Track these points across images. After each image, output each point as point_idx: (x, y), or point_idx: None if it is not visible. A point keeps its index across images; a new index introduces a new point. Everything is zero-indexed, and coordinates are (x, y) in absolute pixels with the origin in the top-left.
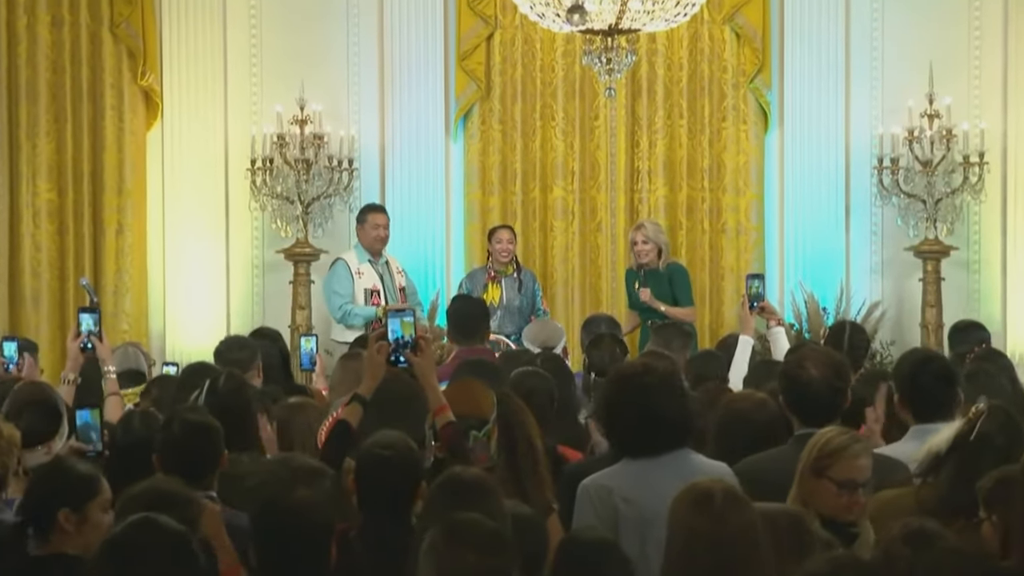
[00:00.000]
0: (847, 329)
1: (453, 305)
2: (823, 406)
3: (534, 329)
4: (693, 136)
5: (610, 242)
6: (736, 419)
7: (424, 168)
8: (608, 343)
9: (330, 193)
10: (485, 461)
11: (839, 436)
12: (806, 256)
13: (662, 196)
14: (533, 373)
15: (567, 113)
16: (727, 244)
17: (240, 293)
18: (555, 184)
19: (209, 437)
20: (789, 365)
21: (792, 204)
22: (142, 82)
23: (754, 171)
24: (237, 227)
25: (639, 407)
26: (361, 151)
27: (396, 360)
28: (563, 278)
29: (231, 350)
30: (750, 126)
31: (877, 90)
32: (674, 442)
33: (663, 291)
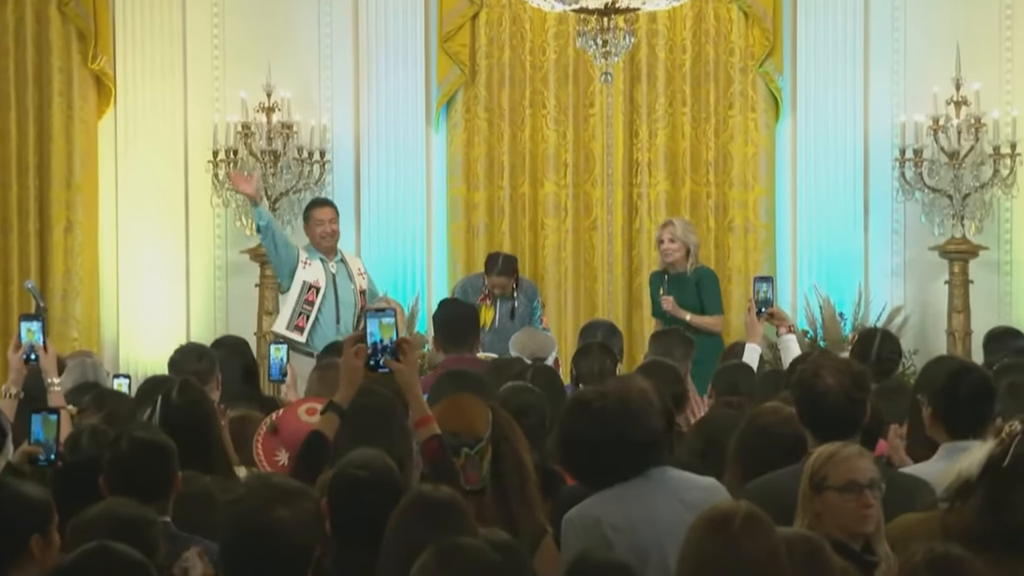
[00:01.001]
0: (877, 337)
1: (441, 309)
2: (841, 419)
3: (523, 338)
4: (697, 125)
5: (606, 241)
6: (760, 435)
7: (403, 160)
8: (597, 353)
9: (300, 188)
10: (475, 482)
11: (832, 446)
12: (821, 257)
13: (663, 191)
14: (524, 389)
15: (559, 100)
16: (734, 243)
17: (201, 297)
18: (546, 178)
19: (160, 456)
20: (803, 374)
21: (805, 200)
22: (93, 66)
23: (764, 164)
24: (198, 225)
25: (597, 436)
26: (334, 142)
27: (376, 365)
28: (555, 281)
29: (187, 360)
30: (759, 114)
31: (899, 75)
32: (648, 462)
33: (689, 297)
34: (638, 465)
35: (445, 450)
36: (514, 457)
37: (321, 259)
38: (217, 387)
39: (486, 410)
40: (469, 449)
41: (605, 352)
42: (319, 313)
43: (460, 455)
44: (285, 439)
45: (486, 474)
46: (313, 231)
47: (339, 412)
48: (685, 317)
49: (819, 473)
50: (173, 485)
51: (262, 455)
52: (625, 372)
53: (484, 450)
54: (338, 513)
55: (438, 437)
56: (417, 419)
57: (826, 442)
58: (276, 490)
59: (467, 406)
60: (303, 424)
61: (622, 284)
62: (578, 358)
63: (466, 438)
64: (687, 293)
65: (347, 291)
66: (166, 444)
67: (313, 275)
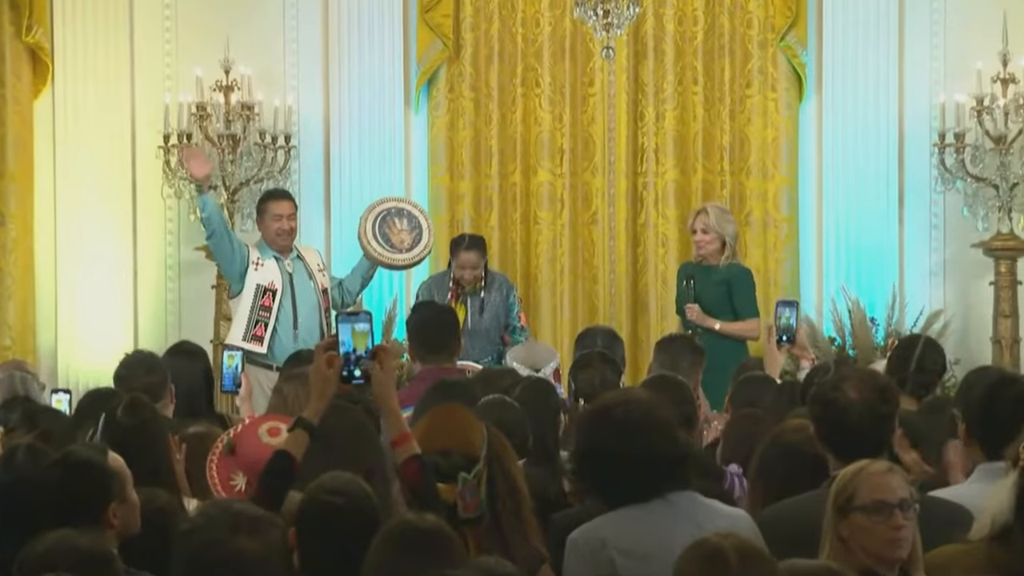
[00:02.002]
0: (920, 346)
1: (416, 314)
2: (864, 438)
3: (521, 353)
4: (710, 107)
5: (608, 237)
6: (784, 455)
7: (378, 146)
8: (597, 363)
9: (262, 176)
10: (473, 510)
11: (857, 463)
12: (850, 254)
13: (672, 180)
14: (501, 404)
15: (555, 78)
16: (752, 239)
17: (151, 300)
18: (540, 166)
19: (97, 481)
20: (822, 387)
21: (832, 190)
22: (28, 38)
23: (785, 149)
24: (147, 219)
25: (619, 448)
26: (300, 125)
27: (349, 376)
28: (550, 282)
29: (135, 373)
30: (780, 94)
31: (938, 49)
32: (671, 483)
33: (716, 297)
34: (660, 484)
35: (426, 472)
36: (508, 479)
37: (275, 257)
38: (171, 402)
39: (480, 424)
40: (466, 474)
41: (606, 362)
42: (277, 320)
43: (456, 480)
44: (243, 462)
45: (483, 500)
46: (268, 227)
47: (309, 429)
48: (714, 327)
49: (845, 492)
50: (108, 516)
51: (216, 478)
52: (629, 386)
53: (481, 474)
54: (308, 545)
55: (418, 458)
56: (394, 437)
57: (849, 463)
58: (238, 518)
59: (460, 419)
60: (264, 446)
61: (625, 285)
62: (576, 370)
63: (460, 459)
64: (714, 292)
65: (307, 291)
66: (104, 467)
67: (267, 277)
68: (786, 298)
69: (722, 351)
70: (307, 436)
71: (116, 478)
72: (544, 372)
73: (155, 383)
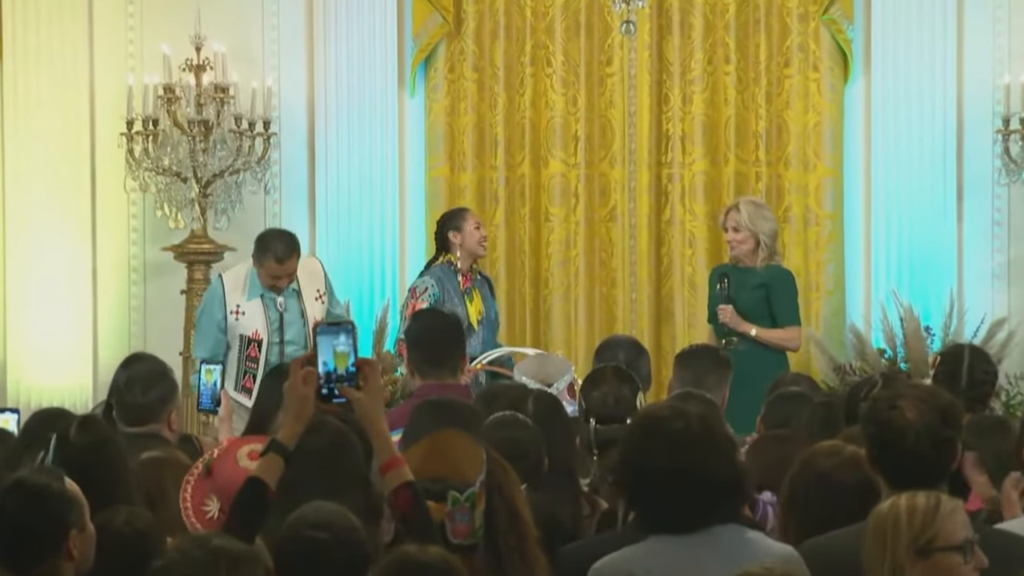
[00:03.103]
0: (966, 357)
1: (415, 322)
2: (922, 463)
3: (532, 366)
4: (744, 88)
5: (628, 236)
6: (817, 482)
7: (369, 133)
8: (612, 379)
9: (238, 168)
10: (466, 536)
11: (919, 498)
12: (902, 255)
13: (701, 172)
14: (512, 422)
15: (568, 57)
16: (791, 238)
17: (112, 307)
18: (552, 156)
19: (56, 509)
20: (877, 405)
21: (882, 183)
22: None
23: (829, 137)
24: (108, 215)
25: (671, 466)
26: (281, 109)
27: (329, 393)
28: (563, 286)
29: (133, 390)
30: (823, 74)
31: (1002, 23)
32: (722, 513)
33: (752, 302)
34: (709, 511)
35: (420, 501)
36: (510, 510)
37: (263, 296)
38: (169, 427)
39: (478, 450)
40: (458, 494)
41: (621, 379)
42: (265, 368)
43: (446, 501)
44: (218, 485)
45: (479, 527)
46: (262, 275)
47: (283, 454)
48: (750, 332)
49: (928, 531)
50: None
51: (190, 503)
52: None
53: (476, 498)
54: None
55: (410, 485)
56: (384, 462)
57: (904, 491)
58: (217, 555)
59: (453, 445)
60: (241, 471)
61: (648, 291)
62: (588, 387)
63: (455, 483)
64: (750, 296)
65: (295, 332)
66: (59, 494)
67: (250, 325)
68: None
69: (758, 363)
70: (281, 461)
71: (75, 505)
72: (557, 387)
73: (150, 403)
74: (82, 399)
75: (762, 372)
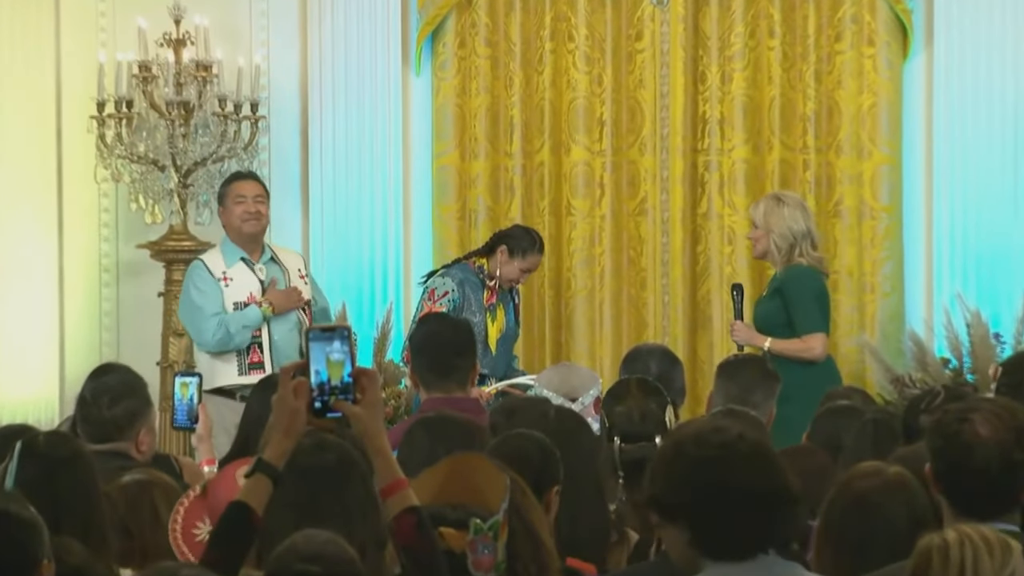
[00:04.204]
0: None
1: (421, 328)
2: (992, 487)
3: (554, 378)
4: (790, 66)
5: (660, 231)
6: (855, 506)
7: (370, 117)
8: (636, 392)
9: (223, 155)
10: (489, 569)
11: (978, 533)
12: (967, 253)
13: (741, 159)
14: (522, 437)
15: (593, 31)
16: (844, 235)
17: (81, 311)
18: (574, 142)
19: (26, 539)
20: (947, 417)
21: (946, 172)
22: None
23: (885, 120)
24: (76, 208)
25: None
26: (271, 90)
27: (324, 407)
28: (587, 288)
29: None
30: (879, 49)
31: None
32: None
33: (768, 310)
34: (768, 537)
35: (426, 530)
36: (530, 535)
37: (244, 259)
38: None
39: (501, 476)
40: (481, 522)
41: (647, 391)
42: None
43: (467, 529)
44: (213, 506)
45: (502, 560)
46: (231, 213)
47: (271, 475)
48: (763, 345)
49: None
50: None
51: (179, 526)
52: (685, 420)
53: (499, 527)
54: None
55: (415, 511)
56: (385, 485)
57: (972, 518)
58: None
59: (475, 469)
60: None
61: (683, 293)
62: (610, 401)
63: (475, 510)
64: (766, 306)
65: None
66: (27, 520)
67: (243, 290)
68: None
69: (803, 375)
70: (269, 483)
71: (44, 532)
72: (582, 402)
73: (119, 415)
74: (47, 415)
75: (809, 386)
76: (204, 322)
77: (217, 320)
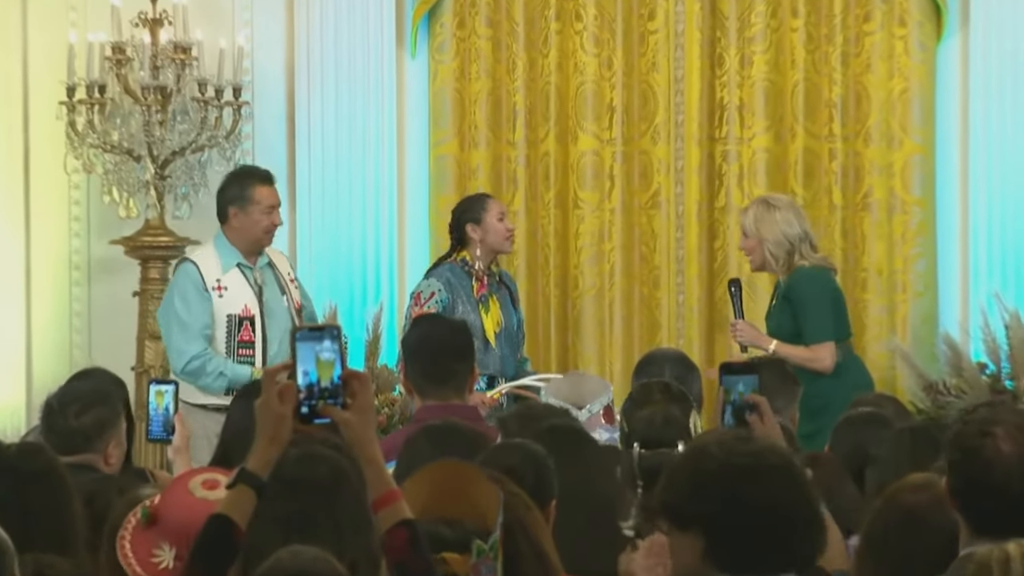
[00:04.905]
0: None
1: (415, 330)
2: (1012, 506)
3: (562, 388)
4: (815, 48)
5: (674, 226)
6: (902, 522)
7: (361, 103)
8: (659, 397)
9: (202, 144)
10: None
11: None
12: (1006, 250)
13: (762, 148)
14: (516, 448)
15: (602, 10)
16: (872, 230)
17: (50, 312)
18: (582, 129)
19: None
20: (968, 429)
21: (984, 163)
22: None
23: (918, 107)
24: (44, 201)
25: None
26: (255, 73)
27: (311, 412)
28: (595, 287)
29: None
30: (911, 30)
31: None
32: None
33: (779, 322)
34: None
35: (420, 545)
36: (536, 553)
37: (241, 265)
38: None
39: (493, 486)
40: (482, 543)
41: (670, 396)
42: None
43: (470, 551)
44: (169, 527)
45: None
46: (254, 222)
47: (255, 486)
48: (768, 347)
49: None
50: None
51: (133, 558)
52: (705, 429)
53: (498, 545)
54: None
55: (409, 525)
56: (378, 496)
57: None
58: None
59: (467, 479)
60: (197, 503)
61: (699, 292)
62: (631, 406)
63: (472, 526)
64: (777, 318)
65: (279, 311)
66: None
67: (237, 301)
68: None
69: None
70: (252, 495)
71: (9, 555)
72: (590, 409)
73: (89, 425)
74: (14, 423)
75: (841, 397)
76: (185, 343)
77: (200, 350)
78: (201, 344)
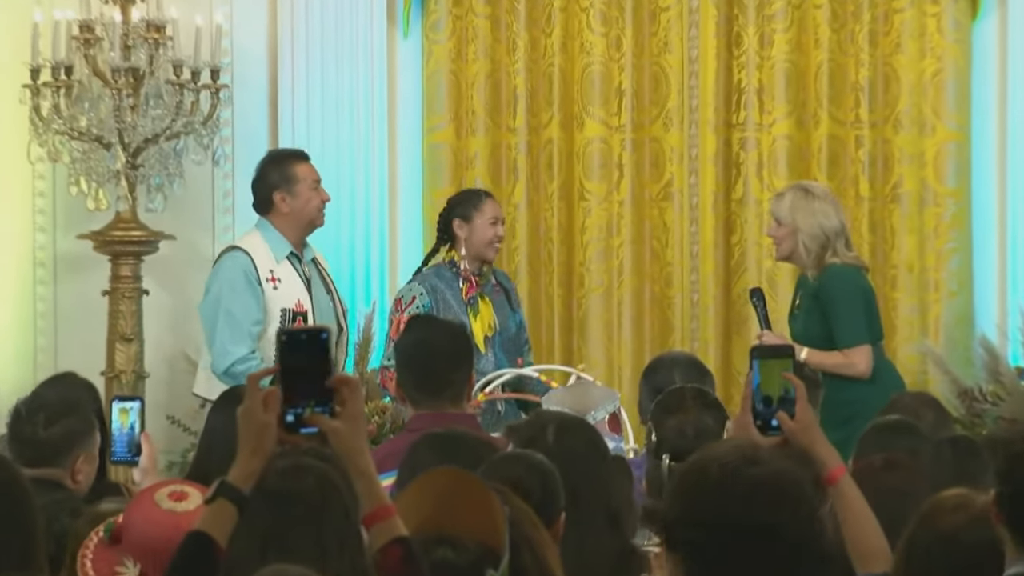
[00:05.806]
0: None
1: (408, 334)
2: None
3: (566, 398)
4: (840, 26)
5: (688, 220)
6: (942, 543)
7: (349, 86)
8: (692, 404)
9: (178, 130)
10: None
11: None
12: None
13: (783, 135)
14: (520, 458)
15: None
16: (902, 224)
17: (12, 313)
18: (588, 115)
19: None
20: (1012, 438)
21: (1021, 151)
22: None
23: (952, 91)
24: (6, 192)
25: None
26: (235, 55)
27: (297, 421)
28: (602, 285)
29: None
30: (944, 7)
31: None
32: None
33: (808, 323)
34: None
35: (414, 563)
36: (543, 572)
37: (292, 256)
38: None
39: (497, 501)
40: (494, 571)
41: (704, 404)
42: None
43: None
44: (134, 542)
45: None
46: (303, 202)
47: (236, 500)
48: (799, 356)
49: None
50: None
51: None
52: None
53: (507, 570)
54: None
55: (403, 542)
56: (369, 511)
57: None
58: None
59: (468, 491)
60: (164, 515)
61: (714, 291)
62: (661, 413)
63: (479, 551)
64: (805, 319)
65: (326, 309)
66: None
67: (291, 294)
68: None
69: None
70: (234, 509)
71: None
72: (593, 416)
73: (57, 437)
74: None
75: (873, 404)
76: (232, 342)
77: (247, 352)
78: (248, 345)
